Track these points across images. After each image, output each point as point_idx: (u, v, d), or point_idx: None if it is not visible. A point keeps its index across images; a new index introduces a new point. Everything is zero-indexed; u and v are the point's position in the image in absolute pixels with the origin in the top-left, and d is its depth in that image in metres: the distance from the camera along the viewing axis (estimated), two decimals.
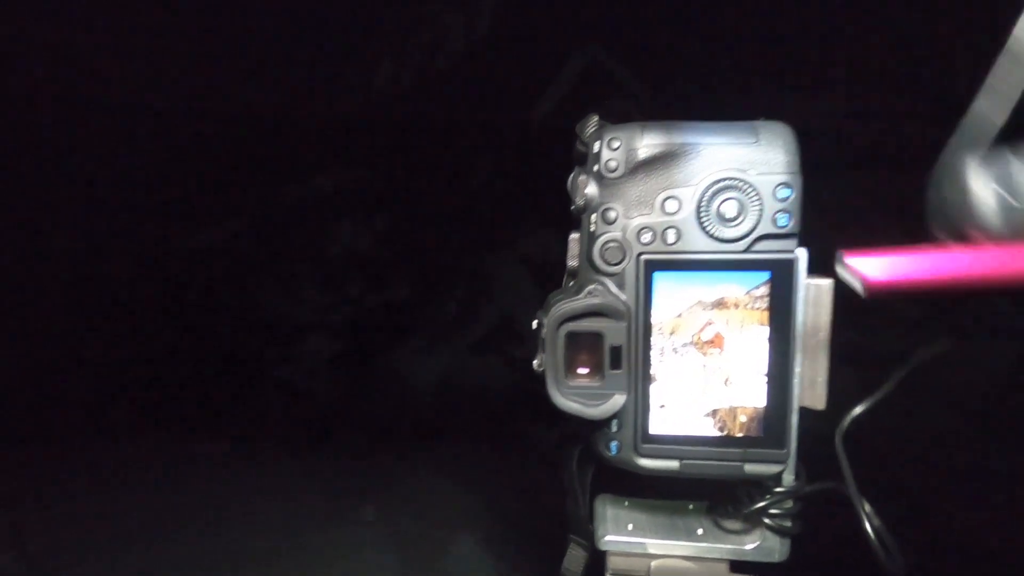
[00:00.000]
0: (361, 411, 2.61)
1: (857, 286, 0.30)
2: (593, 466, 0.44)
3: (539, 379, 0.38)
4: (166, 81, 2.56)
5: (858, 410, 0.39)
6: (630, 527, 0.43)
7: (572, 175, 0.40)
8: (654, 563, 0.41)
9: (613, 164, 0.38)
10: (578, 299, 0.37)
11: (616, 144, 0.38)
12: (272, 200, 2.84)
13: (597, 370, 0.37)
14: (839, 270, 0.31)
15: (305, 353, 2.66)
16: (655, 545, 0.42)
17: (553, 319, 0.36)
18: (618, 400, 0.37)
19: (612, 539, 0.42)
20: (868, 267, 0.29)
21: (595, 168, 0.38)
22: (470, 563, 1.90)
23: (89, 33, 2.42)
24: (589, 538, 0.45)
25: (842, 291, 0.39)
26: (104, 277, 2.59)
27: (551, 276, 0.43)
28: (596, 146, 0.38)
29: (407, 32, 2.95)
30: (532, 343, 0.39)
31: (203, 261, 2.72)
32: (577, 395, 0.37)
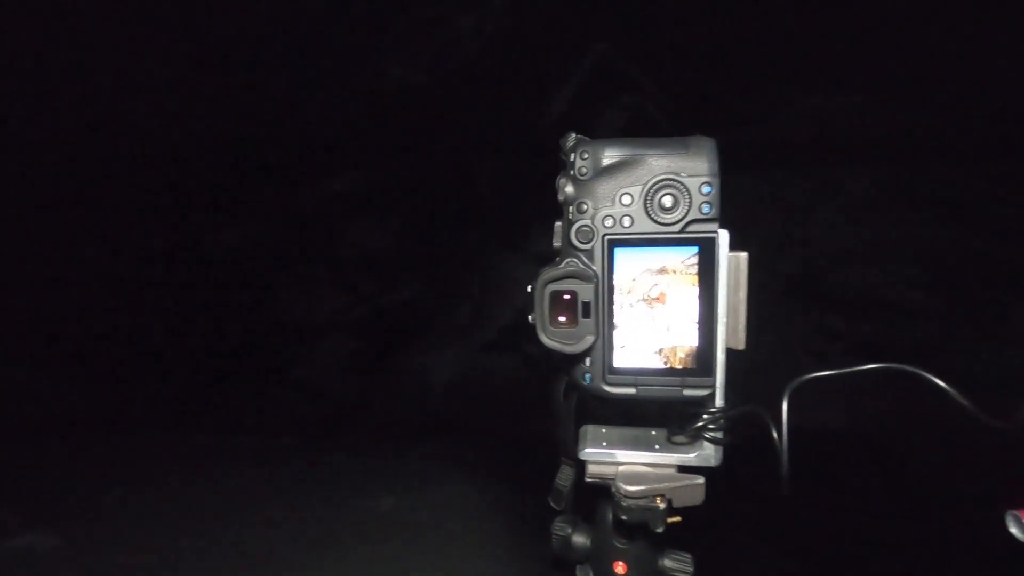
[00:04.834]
0: (376, 409, 2.80)
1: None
2: (575, 397, 0.61)
3: (531, 327, 0.55)
4: (184, 86, 2.79)
5: (814, 375, 0.53)
6: (604, 444, 0.60)
7: (558, 177, 0.58)
8: (620, 468, 0.59)
9: (584, 170, 0.55)
10: (559, 268, 0.54)
11: (586, 155, 0.55)
12: (288, 202, 3.05)
13: (573, 319, 0.55)
14: (1009, 520, 0.47)
15: (321, 353, 2.86)
16: (622, 455, 0.59)
17: (540, 282, 0.54)
18: (588, 339, 0.54)
19: (590, 451, 0.60)
20: None
21: (572, 173, 0.56)
22: (482, 554, 2.07)
23: (108, 41, 2.64)
24: (575, 457, 0.62)
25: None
26: (123, 278, 2.82)
27: None
28: (572, 156, 0.56)
29: (417, 35, 3.15)
30: (528, 303, 0.56)
31: (221, 262, 2.93)
32: (558, 337, 0.55)
